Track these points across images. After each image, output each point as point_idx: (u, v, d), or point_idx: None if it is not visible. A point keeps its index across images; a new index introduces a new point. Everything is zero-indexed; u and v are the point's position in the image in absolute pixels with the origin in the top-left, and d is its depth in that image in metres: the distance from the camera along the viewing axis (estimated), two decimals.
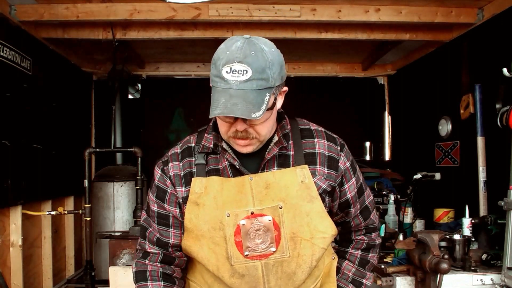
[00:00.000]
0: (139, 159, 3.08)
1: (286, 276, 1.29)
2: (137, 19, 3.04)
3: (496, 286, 2.27)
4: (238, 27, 3.21)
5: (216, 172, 1.30)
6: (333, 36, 3.39)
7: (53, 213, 3.17)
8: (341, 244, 1.54)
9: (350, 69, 4.68)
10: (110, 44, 3.42)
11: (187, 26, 3.29)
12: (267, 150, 1.29)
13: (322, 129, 1.39)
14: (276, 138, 1.31)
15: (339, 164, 1.34)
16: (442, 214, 3.10)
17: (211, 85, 1.17)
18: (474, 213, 2.69)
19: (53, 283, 3.41)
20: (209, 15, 2.98)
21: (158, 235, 1.35)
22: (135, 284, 1.36)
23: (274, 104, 1.21)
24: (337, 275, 1.47)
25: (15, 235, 2.84)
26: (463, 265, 2.37)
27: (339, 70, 4.67)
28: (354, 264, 1.49)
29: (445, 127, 3.41)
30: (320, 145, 1.34)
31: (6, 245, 2.79)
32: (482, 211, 2.82)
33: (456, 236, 2.46)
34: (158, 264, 1.36)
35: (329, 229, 1.32)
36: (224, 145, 1.30)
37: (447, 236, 2.44)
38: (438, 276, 2.13)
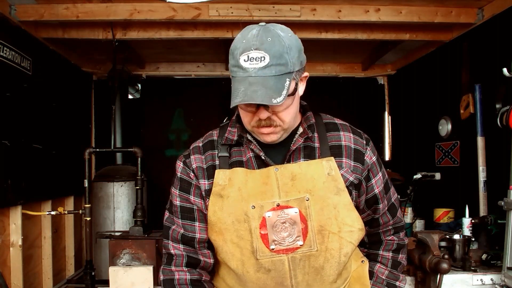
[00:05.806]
0: (139, 159, 3.07)
1: (314, 271, 1.24)
2: (137, 19, 3.04)
3: (496, 286, 2.28)
4: (238, 27, 3.21)
5: (240, 164, 1.28)
6: (333, 36, 3.39)
7: (53, 213, 3.16)
8: (371, 246, 1.49)
9: (350, 69, 4.68)
10: (110, 44, 3.42)
11: (187, 26, 3.28)
12: (292, 142, 1.27)
13: (347, 124, 1.38)
14: (301, 129, 1.29)
15: (365, 157, 1.32)
16: (442, 214, 3.10)
17: (230, 76, 1.16)
18: (474, 213, 2.70)
19: (53, 283, 3.41)
20: (209, 15, 2.98)
21: (182, 231, 1.31)
22: None
23: (295, 89, 1.18)
24: (370, 279, 1.42)
25: (15, 235, 2.84)
26: (463, 265, 2.37)
27: (339, 70, 4.66)
28: (387, 266, 1.45)
29: (445, 127, 3.41)
30: (346, 138, 1.32)
31: (6, 245, 2.79)
32: (482, 211, 2.82)
33: (456, 236, 2.46)
34: (185, 269, 1.31)
35: (356, 222, 1.29)
36: (249, 137, 1.28)
37: (447, 236, 2.44)
38: (438, 276, 2.13)
